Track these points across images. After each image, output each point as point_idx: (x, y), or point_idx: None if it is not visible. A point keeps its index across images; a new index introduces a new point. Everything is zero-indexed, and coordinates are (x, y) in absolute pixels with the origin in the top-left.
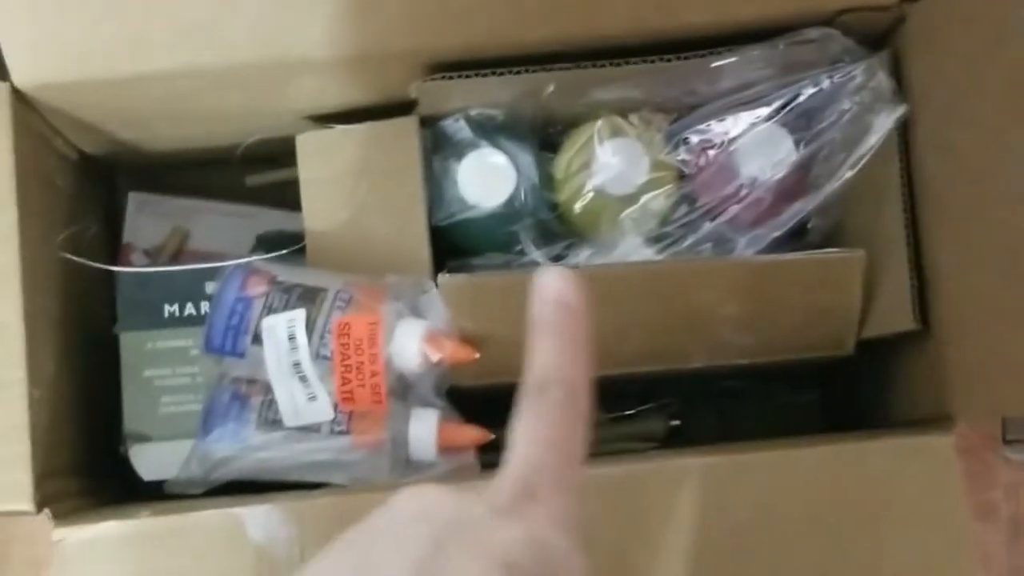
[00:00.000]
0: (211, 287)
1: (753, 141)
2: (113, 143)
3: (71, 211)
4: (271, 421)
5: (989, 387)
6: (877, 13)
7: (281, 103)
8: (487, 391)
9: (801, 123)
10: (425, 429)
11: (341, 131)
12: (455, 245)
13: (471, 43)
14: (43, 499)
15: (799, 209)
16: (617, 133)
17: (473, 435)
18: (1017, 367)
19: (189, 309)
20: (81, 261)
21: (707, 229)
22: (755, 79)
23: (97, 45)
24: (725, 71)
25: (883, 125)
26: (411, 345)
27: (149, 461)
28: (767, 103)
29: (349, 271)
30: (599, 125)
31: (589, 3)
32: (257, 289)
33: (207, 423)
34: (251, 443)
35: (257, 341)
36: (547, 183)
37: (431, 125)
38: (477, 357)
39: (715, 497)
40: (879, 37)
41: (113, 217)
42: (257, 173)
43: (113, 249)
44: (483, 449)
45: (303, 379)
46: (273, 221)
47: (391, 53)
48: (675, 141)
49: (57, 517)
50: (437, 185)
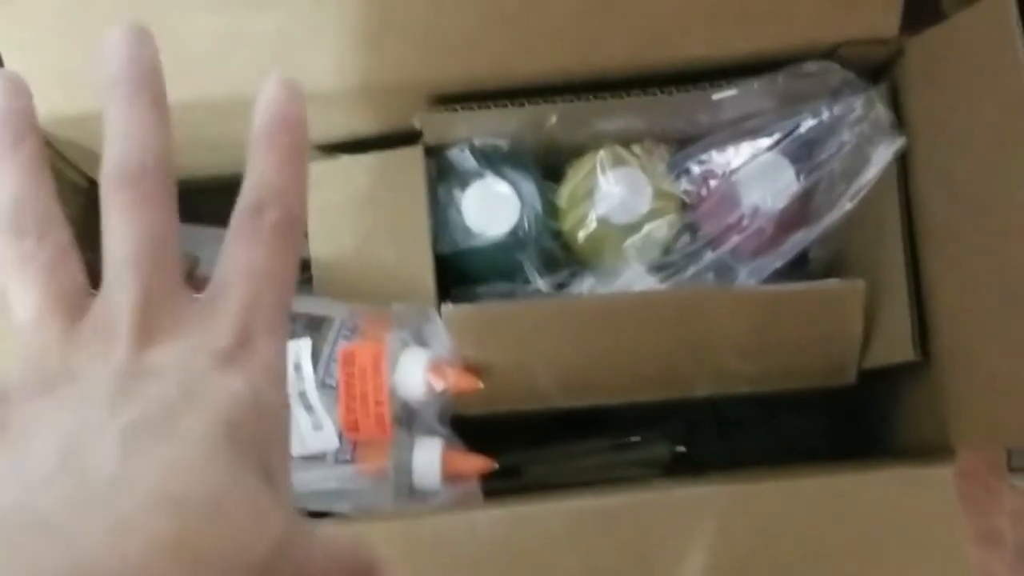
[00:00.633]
0: None
1: (754, 171)
2: None
3: (81, 239)
4: None
5: (989, 417)
6: (876, 46)
7: None
8: (491, 419)
9: (802, 154)
10: (429, 457)
11: (347, 160)
12: (460, 273)
13: (474, 75)
14: None
15: (800, 239)
16: (620, 163)
17: (477, 463)
18: (1017, 397)
19: None
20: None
21: (709, 258)
22: (756, 111)
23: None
24: (726, 103)
25: (882, 157)
26: (415, 374)
27: None
28: (768, 134)
29: (354, 299)
30: (602, 155)
31: (590, 36)
32: None
33: None
34: None
35: None
36: (551, 212)
37: (436, 155)
38: (481, 386)
39: (717, 525)
40: (878, 70)
41: None
42: None
43: None
44: (487, 477)
45: (309, 408)
46: None
47: (396, 85)
48: (677, 171)
49: None
50: (442, 214)
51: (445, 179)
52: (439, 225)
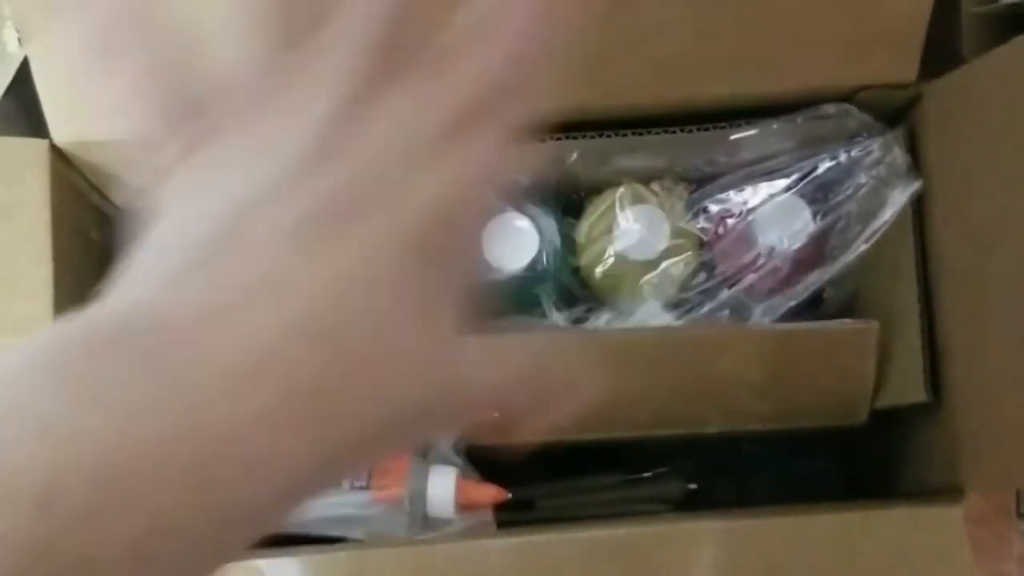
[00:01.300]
0: None
1: (771, 212)
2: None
3: (105, 264)
4: None
5: (1000, 459)
6: (894, 91)
7: None
8: (505, 451)
9: (818, 195)
10: (444, 486)
11: None
12: (478, 307)
13: None
14: None
15: (815, 279)
16: (639, 200)
17: (491, 493)
18: None
19: None
20: None
21: (725, 296)
22: (774, 152)
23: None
24: (744, 143)
25: (898, 199)
26: None
27: None
28: (785, 175)
29: None
30: (621, 192)
31: (614, 74)
32: None
33: None
34: None
35: None
36: (569, 247)
37: None
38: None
39: (727, 559)
40: (896, 114)
41: None
42: None
43: None
44: (500, 509)
45: None
46: None
47: None
48: (695, 209)
49: None
50: None
51: None
52: None
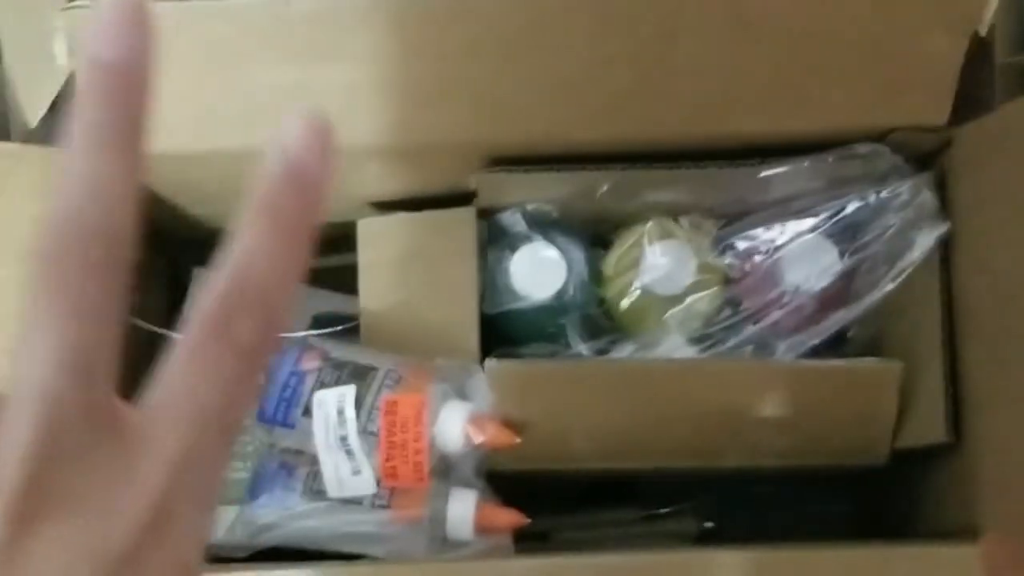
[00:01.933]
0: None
1: (798, 250)
2: (182, 218)
3: (136, 281)
4: (316, 491)
5: (1019, 502)
6: (925, 134)
7: (346, 188)
8: (523, 481)
9: (846, 235)
10: (463, 509)
11: (402, 218)
12: (504, 334)
13: (532, 139)
14: None
15: (840, 318)
16: (666, 235)
17: (510, 518)
18: None
19: None
20: (147, 327)
21: (749, 332)
22: (804, 190)
23: (173, 121)
24: (775, 181)
25: (926, 242)
26: (455, 426)
27: None
28: (814, 214)
29: (400, 352)
30: (649, 226)
31: (647, 107)
32: (311, 364)
33: (254, 489)
34: (295, 511)
35: (307, 414)
36: (596, 279)
37: (488, 217)
38: (518, 441)
39: None
40: (926, 156)
41: (175, 290)
42: (318, 256)
43: (174, 321)
44: (515, 539)
45: (349, 453)
46: (329, 303)
47: (455, 144)
48: (722, 246)
49: None
50: (490, 275)
51: (496, 241)
52: (486, 285)
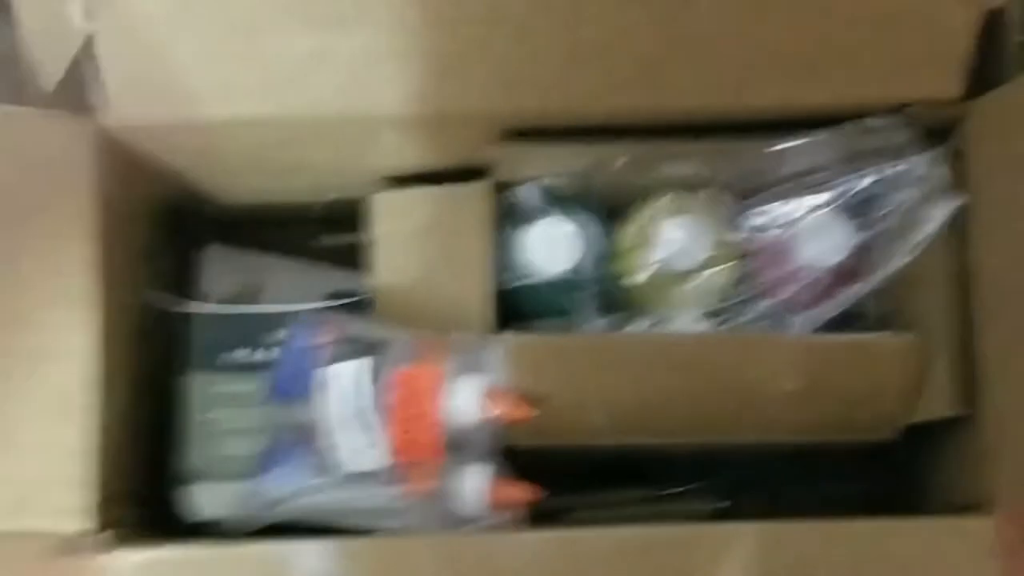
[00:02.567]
0: (282, 334)
1: (813, 225)
2: (195, 192)
3: (150, 254)
4: (329, 465)
5: None
6: (940, 107)
7: (362, 160)
8: (541, 452)
9: (861, 209)
10: (477, 483)
11: (417, 192)
12: (519, 309)
13: (550, 110)
14: (104, 523)
15: (854, 292)
16: (682, 209)
17: (524, 493)
18: None
19: (260, 354)
20: (160, 297)
21: (764, 307)
22: (819, 164)
23: (192, 89)
24: (791, 154)
25: (940, 215)
26: (470, 399)
27: (207, 499)
28: (829, 188)
29: (415, 327)
30: (665, 200)
31: (667, 79)
32: (326, 338)
33: (266, 463)
34: (308, 485)
35: (322, 388)
36: (611, 253)
37: (504, 191)
38: (534, 415)
39: (756, 558)
40: (942, 129)
41: (188, 266)
42: (333, 234)
43: (186, 297)
44: (532, 513)
45: (364, 426)
46: (344, 281)
47: (473, 114)
48: (738, 220)
49: (115, 541)
50: (505, 249)
51: (512, 215)
52: (502, 260)
